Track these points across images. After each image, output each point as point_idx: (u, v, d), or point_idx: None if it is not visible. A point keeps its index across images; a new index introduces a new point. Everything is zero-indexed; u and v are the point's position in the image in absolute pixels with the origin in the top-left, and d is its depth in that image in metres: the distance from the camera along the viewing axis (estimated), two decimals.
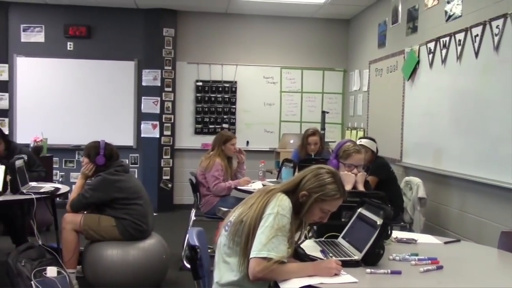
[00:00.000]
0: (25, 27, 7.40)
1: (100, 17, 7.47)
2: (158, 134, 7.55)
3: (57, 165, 7.37)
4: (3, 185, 3.98)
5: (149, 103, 7.53)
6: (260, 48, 7.83)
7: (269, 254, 1.96)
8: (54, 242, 4.30)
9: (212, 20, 7.72)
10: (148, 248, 3.98)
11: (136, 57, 7.55)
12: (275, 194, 2.11)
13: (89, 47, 7.48)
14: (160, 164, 7.58)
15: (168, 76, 7.55)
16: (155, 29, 7.46)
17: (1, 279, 3.72)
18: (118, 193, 3.93)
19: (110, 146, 4.11)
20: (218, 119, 7.75)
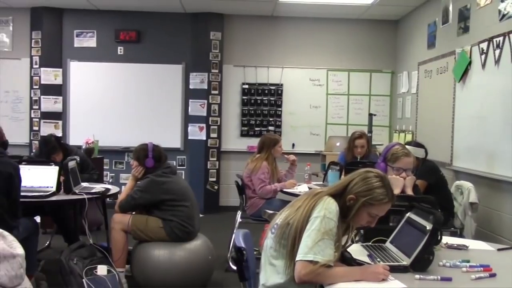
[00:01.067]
0: (78, 32, 7.65)
1: (149, 22, 7.64)
2: (204, 136, 7.64)
3: (107, 166, 7.58)
4: (57, 185, 4.13)
5: (196, 105, 7.63)
6: (306, 50, 7.80)
7: (315, 257, 1.94)
8: (104, 241, 4.41)
9: (258, 23, 7.75)
10: (194, 249, 4.03)
11: (184, 60, 7.67)
12: (322, 197, 2.09)
13: (139, 51, 7.65)
14: (206, 166, 7.67)
15: (215, 79, 7.63)
16: (202, 33, 7.56)
17: (54, 276, 3.86)
18: (166, 195, 4.00)
19: (158, 148, 4.19)
20: (264, 122, 7.77)
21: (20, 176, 3.64)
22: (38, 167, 4.21)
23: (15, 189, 3.59)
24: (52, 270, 4.09)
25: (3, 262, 1.19)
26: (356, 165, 4.53)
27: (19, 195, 3.65)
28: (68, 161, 4.27)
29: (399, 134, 7.22)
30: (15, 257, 1.23)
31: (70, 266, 3.53)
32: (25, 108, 7.65)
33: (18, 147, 7.04)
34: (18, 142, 7.21)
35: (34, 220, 4.18)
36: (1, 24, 7.63)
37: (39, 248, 4.58)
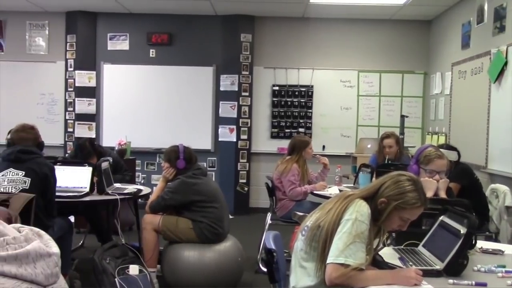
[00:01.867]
0: (112, 35, 7.78)
1: (181, 25, 7.72)
2: (235, 138, 7.67)
3: (139, 168, 7.68)
4: (90, 186, 4.21)
5: (227, 107, 7.67)
6: (337, 52, 7.75)
7: (347, 260, 1.93)
8: (136, 241, 4.47)
9: (289, 24, 7.74)
10: (224, 251, 4.04)
11: (215, 62, 7.72)
12: (354, 200, 2.07)
13: (170, 54, 7.74)
14: (236, 167, 7.69)
15: (245, 81, 7.66)
16: (233, 35, 7.59)
17: (87, 275, 3.92)
18: (196, 196, 4.03)
19: (189, 149, 4.23)
20: (294, 124, 7.75)
21: (55, 176, 3.73)
22: (73, 168, 4.30)
23: (51, 189, 3.67)
24: (85, 269, 4.16)
25: (39, 261, 1.21)
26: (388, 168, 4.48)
27: (54, 195, 3.74)
28: (101, 162, 4.35)
29: (432, 136, 7.10)
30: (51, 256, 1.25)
31: (103, 265, 3.59)
32: (60, 110, 7.82)
33: (53, 148, 7.20)
34: (53, 143, 7.37)
35: (68, 219, 4.27)
36: (38, 28, 7.83)
37: (73, 247, 4.68)
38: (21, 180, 3.55)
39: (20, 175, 3.56)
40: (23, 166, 3.59)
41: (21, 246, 1.19)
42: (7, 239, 1.18)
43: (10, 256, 1.15)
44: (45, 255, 1.23)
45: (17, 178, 3.56)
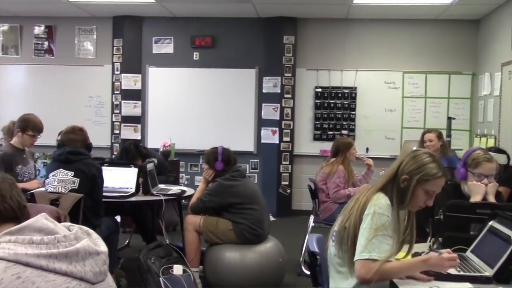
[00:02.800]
0: (157, 39, 7.93)
1: (224, 27, 7.78)
2: (277, 140, 7.67)
3: (183, 169, 7.78)
4: (136, 186, 4.30)
5: (269, 109, 7.68)
6: (381, 53, 7.63)
7: (371, 255, 1.92)
8: (180, 241, 4.52)
9: (332, 26, 7.68)
10: (265, 252, 4.05)
11: (257, 64, 7.75)
12: (372, 194, 2.06)
13: (213, 57, 7.81)
14: (279, 169, 7.69)
15: (287, 83, 7.65)
16: (276, 37, 7.60)
17: (133, 274, 4.00)
18: (234, 198, 4.05)
19: (228, 151, 4.26)
20: (337, 126, 7.68)
21: (103, 177, 3.83)
22: (119, 169, 4.41)
23: (98, 189, 3.78)
24: (131, 267, 4.25)
25: (88, 259, 1.25)
26: None
27: (102, 195, 3.84)
28: (146, 163, 4.43)
29: (480, 138, 6.88)
30: (99, 254, 1.28)
31: (148, 265, 3.66)
32: (107, 112, 8.02)
33: (100, 150, 7.39)
34: (100, 144, 7.56)
35: (115, 219, 4.38)
36: (86, 33, 8.07)
37: (119, 246, 4.79)
38: (70, 180, 3.67)
39: (70, 176, 3.68)
40: (72, 166, 3.71)
41: (71, 244, 1.23)
42: (58, 237, 1.22)
43: (61, 253, 1.19)
44: (94, 253, 1.26)
45: (66, 179, 3.67)
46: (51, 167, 3.83)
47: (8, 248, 1.15)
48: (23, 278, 1.12)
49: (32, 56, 8.14)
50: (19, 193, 1.33)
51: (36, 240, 1.18)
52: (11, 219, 1.28)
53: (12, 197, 1.30)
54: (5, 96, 8.11)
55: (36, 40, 8.12)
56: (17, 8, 7.58)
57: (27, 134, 4.36)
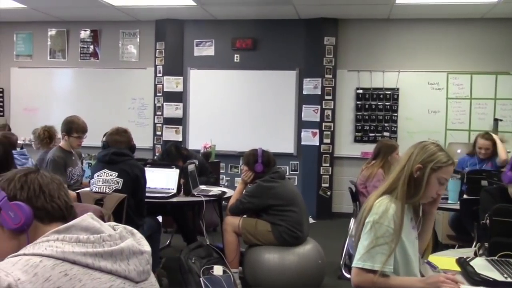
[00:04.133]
0: (198, 42, 8.02)
1: (264, 29, 7.80)
2: (317, 142, 7.63)
3: (223, 170, 7.83)
4: (177, 187, 4.36)
5: (310, 111, 7.64)
6: (424, 53, 7.48)
7: (365, 264, 1.92)
8: (220, 242, 4.56)
9: (374, 26, 7.58)
10: (304, 254, 4.03)
11: (298, 66, 7.73)
12: (374, 199, 2.05)
13: (254, 59, 7.84)
14: (319, 171, 7.64)
15: (328, 84, 7.60)
16: (316, 38, 7.56)
17: (174, 273, 4.07)
18: (273, 200, 4.05)
19: (267, 153, 4.27)
20: (379, 127, 7.57)
21: (145, 177, 3.91)
22: (161, 170, 4.48)
23: (141, 189, 3.85)
24: (172, 267, 4.31)
25: (132, 258, 1.27)
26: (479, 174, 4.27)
27: (144, 195, 3.91)
28: (187, 164, 4.49)
29: None
30: (143, 254, 1.31)
31: (189, 265, 3.70)
32: (149, 114, 8.17)
33: (143, 151, 7.53)
34: (143, 146, 7.70)
35: (157, 219, 4.45)
36: (130, 37, 8.24)
37: (160, 246, 4.87)
38: (114, 181, 3.75)
39: (114, 176, 3.77)
40: (116, 167, 3.79)
41: (116, 244, 1.26)
42: (103, 236, 1.25)
43: (106, 252, 1.22)
44: (138, 252, 1.29)
45: (110, 179, 3.76)
46: (96, 168, 3.94)
47: (56, 246, 1.18)
48: (70, 276, 1.15)
49: (78, 59, 8.38)
50: (66, 194, 1.37)
51: (82, 239, 1.22)
52: (59, 218, 1.32)
53: (60, 197, 1.34)
54: (53, 98, 8.37)
55: (82, 44, 8.36)
56: (64, 13, 7.82)
57: (72, 136, 4.48)
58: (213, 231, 5.83)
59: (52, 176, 1.37)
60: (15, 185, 1.31)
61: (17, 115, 8.48)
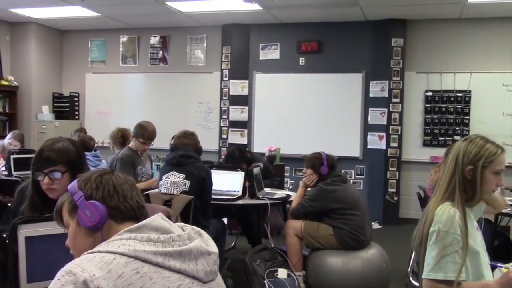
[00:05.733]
0: (263, 45, 8.08)
1: (330, 32, 7.73)
2: (384, 145, 7.47)
3: (288, 173, 7.83)
4: (242, 190, 4.41)
5: (376, 114, 7.50)
6: (498, 53, 7.13)
7: (436, 275, 1.85)
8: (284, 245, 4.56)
9: (444, 26, 7.33)
10: (368, 258, 3.96)
11: (364, 69, 7.60)
12: (435, 207, 1.97)
13: (319, 62, 7.79)
14: (386, 176, 7.48)
15: (396, 86, 7.42)
16: (383, 40, 7.41)
17: (238, 275, 4.11)
18: (335, 204, 4.01)
19: (331, 156, 4.26)
20: (449, 131, 7.31)
21: (212, 180, 3.98)
22: (227, 172, 4.54)
23: (207, 191, 3.93)
24: (236, 269, 4.36)
25: (200, 258, 1.30)
26: None
27: (211, 197, 3.99)
28: (253, 167, 4.53)
29: None
30: (210, 254, 1.34)
31: (253, 267, 3.73)
32: (215, 117, 8.31)
33: (209, 153, 7.67)
34: (209, 148, 7.84)
35: (222, 221, 4.52)
36: (197, 42, 8.43)
37: (225, 248, 4.93)
38: (182, 183, 3.85)
39: (181, 178, 3.86)
40: (183, 169, 3.89)
41: (184, 244, 1.29)
42: (173, 236, 1.29)
43: (175, 252, 1.26)
44: (205, 253, 1.32)
45: (178, 181, 3.86)
46: (164, 170, 4.05)
47: (128, 244, 1.23)
48: (141, 274, 1.19)
49: (148, 65, 8.67)
50: (138, 194, 1.43)
51: (153, 238, 1.26)
52: (131, 217, 1.38)
53: (132, 197, 1.40)
54: (124, 102, 8.71)
55: (152, 49, 8.64)
56: (135, 20, 8.12)
57: (139, 141, 4.66)
58: (277, 234, 5.84)
59: (125, 177, 1.43)
60: (91, 185, 1.38)
61: (91, 118, 8.89)
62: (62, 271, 1.18)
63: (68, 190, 1.40)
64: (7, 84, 8.26)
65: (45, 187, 2.16)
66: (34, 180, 2.19)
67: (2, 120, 8.34)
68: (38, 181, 2.17)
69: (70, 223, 1.39)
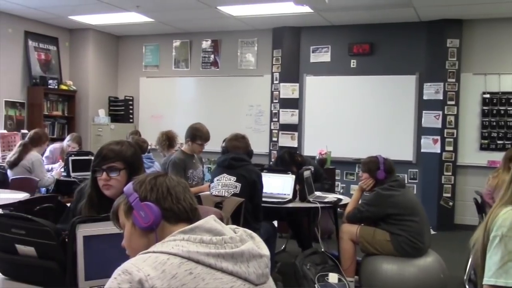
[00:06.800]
0: (314, 48, 8.04)
1: (382, 33, 7.61)
2: (439, 149, 7.26)
3: (339, 177, 7.75)
4: (293, 193, 4.39)
5: (430, 117, 7.31)
6: None
7: (497, 281, 1.74)
8: (335, 249, 4.52)
9: (503, 26, 7.06)
10: (425, 266, 3.85)
11: (418, 70, 7.43)
12: (498, 211, 1.85)
13: (371, 64, 7.68)
14: (440, 180, 7.27)
15: (451, 88, 7.21)
16: (438, 41, 7.22)
17: (288, 278, 4.10)
18: (392, 209, 3.92)
19: (388, 160, 4.16)
20: (508, 134, 7.02)
21: (262, 183, 3.99)
22: (277, 176, 4.54)
23: (258, 194, 3.94)
24: (286, 272, 4.35)
25: (252, 261, 1.31)
26: None
27: (261, 200, 4.00)
28: (303, 170, 4.51)
29: None
30: (262, 257, 1.34)
31: (304, 271, 3.71)
32: (266, 120, 8.34)
33: (259, 156, 7.68)
34: (259, 151, 7.85)
35: (272, 224, 4.52)
36: (248, 45, 8.49)
37: (276, 251, 4.93)
38: (233, 185, 3.88)
39: (232, 180, 3.89)
40: (235, 172, 3.92)
41: (236, 246, 1.30)
42: (225, 238, 1.30)
43: (227, 254, 1.27)
44: (257, 256, 1.32)
45: (229, 183, 3.89)
46: (216, 172, 4.10)
47: (182, 245, 1.25)
48: (194, 274, 1.21)
49: (200, 68, 8.80)
50: (191, 196, 1.45)
51: (206, 240, 1.28)
52: (184, 219, 1.40)
53: (185, 199, 1.42)
54: (177, 105, 8.88)
55: (204, 53, 8.76)
56: (188, 25, 8.27)
57: (196, 143, 4.72)
58: (327, 238, 5.79)
59: (179, 179, 1.46)
60: (146, 187, 1.41)
61: (144, 121, 9.11)
62: (118, 270, 1.21)
63: (124, 192, 1.44)
64: (66, 88, 8.59)
65: (102, 184, 2.24)
66: (93, 177, 2.28)
67: (61, 123, 8.68)
68: (96, 178, 2.26)
69: (125, 224, 1.43)
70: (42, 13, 7.71)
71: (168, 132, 5.59)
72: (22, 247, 1.91)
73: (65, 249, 1.84)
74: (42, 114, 8.12)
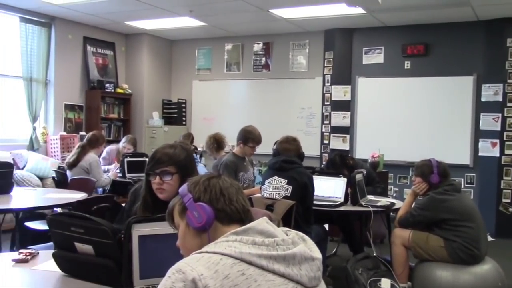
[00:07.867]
0: (367, 49, 7.93)
1: (438, 34, 7.41)
2: (498, 153, 6.99)
3: (391, 180, 7.61)
4: (344, 196, 4.35)
5: (489, 119, 7.05)
6: None
7: None
8: (387, 254, 4.44)
9: None
10: (481, 274, 3.72)
11: (475, 71, 7.19)
12: None
13: (426, 65, 7.49)
14: (499, 185, 6.99)
15: (511, 90, 6.93)
16: (498, 41, 6.96)
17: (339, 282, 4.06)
18: (447, 214, 3.81)
19: (443, 164, 4.05)
20: None
21: (313, 185, 3.97)
22: (328, 179, 4.51)
23: (309, 197, 3.93)
24: (338, 276, 4.31)
25: (303, 263, 1.30)
26: None
27: (312, 203, 3.98)
28: (355, 174, 4.45)
29: None
30: (314, 260, 1.33)
31: (355, 275, 3.66)
32: (317, 123, 8.28)
33: (310, 159, 7.63)
34: (310, 154, 7.81)
35: (323, 227, 4.49)
36: (299, 47, 8.47)
37: (327, 255, 4.89)
38: (284, 188, 3.88)
39: (283, 183, 3.89)
40: (286, 174, 3.92)
41: (288, 248, 1.30)
42: (277, 240, 1.31)
43: (279, 256, 1.27)
44: (309, 258, 1.32)
45: (280, 186, 3.90)
46: (267, 174, 4.11)
47: (234, 246, 1.27)
48: (246, 275, 1.22)
49: (251, 71, 8.85)
50: (244, 198, 1.46)
51: (258, 241, 1.28)
52: (236, 220, 1.41)
53: (238, 201, 1.44)
54: (228, 108, 8.96)
55: (255, 56, 8.81)
56: (240, 28, 8.34)
57: (248, 146, 4.74)
58: (380, 243, 5.69)
59: (232, 181, 1.48)
60: (199, 188, 1.43)
61: (197, 124, 9.26)
62: (172, 269, 1.24)
63: (179, 193, 1.47)
64: (122, 92, 8.85)
65: (155, 187, 2.29)
66: (147, 180, 2.34)
67: (117, 125, 8.95)
68: (150, 181, 2.31)
69: (180, 224, 1.46)
70: (100, 19, 7.98)
71: (216, 135, 5.66)
72: (80, 245, 1.99)
73: (121, 248, 1.90)
74: (99, 116, 8.39)
